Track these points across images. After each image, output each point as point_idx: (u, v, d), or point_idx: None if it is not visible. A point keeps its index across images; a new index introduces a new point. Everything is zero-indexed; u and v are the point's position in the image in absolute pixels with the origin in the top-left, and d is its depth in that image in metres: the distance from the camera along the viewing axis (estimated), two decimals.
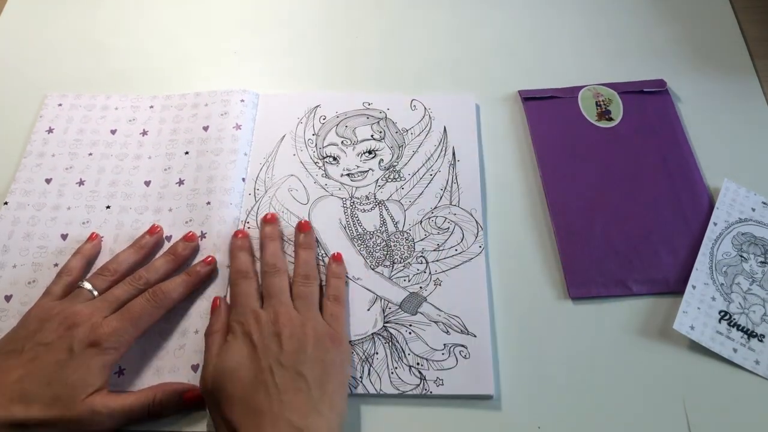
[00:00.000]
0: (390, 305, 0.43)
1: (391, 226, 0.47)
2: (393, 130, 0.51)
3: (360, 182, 0.49)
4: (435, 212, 0.47)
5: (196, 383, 0.40)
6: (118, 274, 0.42)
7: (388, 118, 0.52)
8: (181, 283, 0.42)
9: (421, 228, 0.47)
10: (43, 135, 0.51)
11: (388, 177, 0.49)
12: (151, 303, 0.40)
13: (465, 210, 0.47)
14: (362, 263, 0.45)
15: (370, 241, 0.46)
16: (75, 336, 0.37)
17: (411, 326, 0.42)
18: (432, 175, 0.49)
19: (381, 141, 0.51)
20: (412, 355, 0.41)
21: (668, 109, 0.53)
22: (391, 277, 0.44)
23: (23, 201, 0.48)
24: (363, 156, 0.50)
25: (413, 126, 0.52)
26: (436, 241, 0.46)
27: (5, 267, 0.45)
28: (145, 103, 0.54)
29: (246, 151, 0.51)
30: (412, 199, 0.48)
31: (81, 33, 0.59)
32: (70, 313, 0.38)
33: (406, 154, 0.50)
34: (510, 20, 0.60)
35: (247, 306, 0.40)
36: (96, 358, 0.37)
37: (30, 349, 0.37)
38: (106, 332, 0.38)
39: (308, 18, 0.61)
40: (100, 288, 0.41)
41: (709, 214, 0.47)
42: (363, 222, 0.47)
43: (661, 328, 0.43)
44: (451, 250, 0.45)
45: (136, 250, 0.44)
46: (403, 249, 0.46)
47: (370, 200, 0.48)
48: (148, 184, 0.49)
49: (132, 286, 0.41)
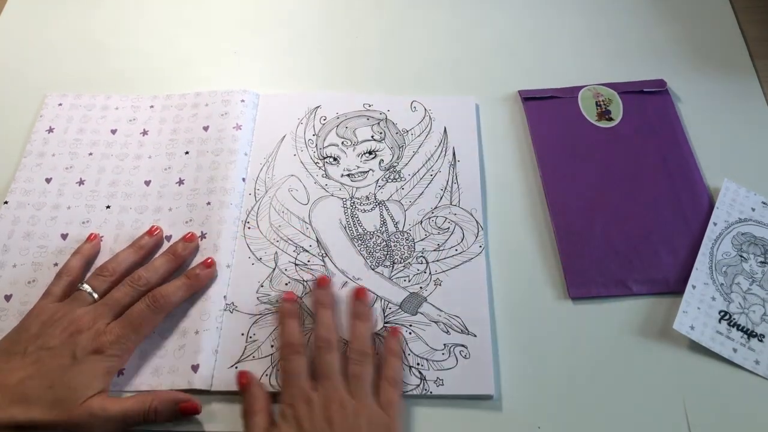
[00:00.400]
0: (390, 305, 0.43)
1: (391, 227, 0.47)
2: (393, 131, 0.52)
3: (360, 182, 0.49)
4: (435, 212, 0.47)
5: (196, 383, 0.40)
6: (117, 274, 0.42)
7: (388, 120, 0.52)
8: (180, 287, 0.42)
9: (422, 228, 0.47)
10: (44, 135, 0.51)
11: (388, 177, 0.49)
12: (151, 308, 0.40)
13: (465, 210, 0.47)
14: (362, 263, 0.45)
15: (370, 241, 0.46)
16: (78, 343, 0.37)
17: (411, 326, 0.42)
18: (432, 175, 0.49)
19: (381, 142, 0.51)
20: (413, 356, 0.41)
21: (668, 109, 0.53)
22: (391, 278, 0.44)
23: (23, 200, 0.48)
24: (363, 156, 0.50)
25: (413, 127, 0.52)
26: (437, 241, 0.46)
27: (5, 266, 0.45)
28: (146, 102, 0.54)
29: (246, 151, 0.51)
30: (412, 200, 0.48)
31: (81, 33, 0.59)
32: (73, 319, 0.38)
33: (406, 154, 0.50)
34: (510, 20, 0.60)
35: (297, 387, 0.38)
36: (99, 364, 0.37)
37: (32, 352, 0.37)
38: (109, 340, 0.38)
39: (308, 18, 0.61)
40: (99, 289, 0.41)
41: (709, 214, 0.47)
42: (363, 222, 0.47)
43: (661, 328, 0.43)
44: (452, 250, 0.45)
45: (135, 250, 0.44)
46: (403, 249, 0.46)
47: (370, 200, 0.48)
48: (148, 184, 0.49)
49: (131, 287, 0.41)
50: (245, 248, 0.46)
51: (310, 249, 0.46)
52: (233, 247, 0.46)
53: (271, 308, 0.43)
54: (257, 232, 0.47)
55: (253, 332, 0.42)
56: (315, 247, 0.46)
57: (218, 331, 0.42)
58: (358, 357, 0.39)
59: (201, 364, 0.40)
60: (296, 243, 0.46)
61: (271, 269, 0.45)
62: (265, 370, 0.41)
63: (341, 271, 0.45)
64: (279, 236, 0.47)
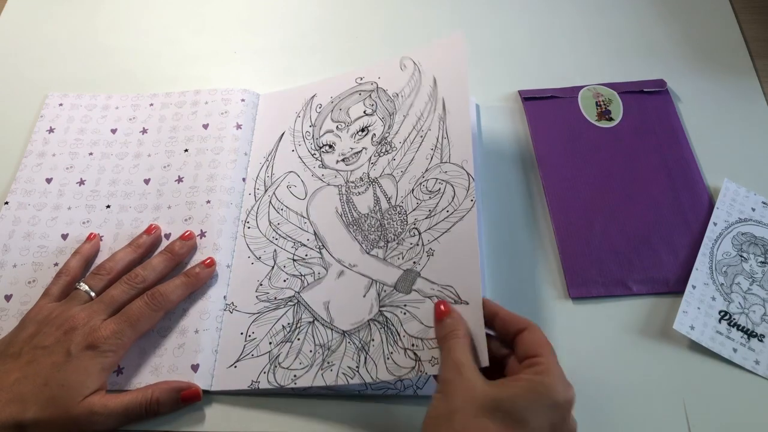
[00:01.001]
0: (385, 288, 0.42)
1: (384, 204, 0.46)
2: (384, 99, 0.50)
3: (354, 164, 0.48)
4: (426, 175, 0.45)
5: (195, 383, 0.40)
6: (114, 273, 0.42)
7: (379, 88, 0.51)
8: (180, 285, 0.42)
9: (413, 197, 0.45)
10: (44, 135, 0.52)
11: (380, 151, 0.48)
12: (149, 306, 0.40)
13: (456, 165, 0.44)
14: (358, 249, 0.45)
15: (365, 224, 0.45)
16: (72, 339, 0.37)
17: (405, 306, 0.41)
18: (422, 137, 0.47)
19: (373, 114, 0.49)
20: (407, 337, 0.40)
21: (668, 109, 0.53)
22: (385, 258, 0.44)
23: (24, 201, 0.48)
24: (356, 136, 0.49)
25: (403, 87, 0.50)
26: (428, 208, 0.44)
27: (5, 266, 0.45)
28: (146, 101, 0.54)
29: (246, 150, 0.51)
30: (403, 169, 0.46)
31: (81, 33, 0.59)
32: (68, 317, 0.38)
33: (397, 120, 0.49)
34: (510, 20, 0.60)
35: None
36: (94, 360, 0.37)
37: (27, 352, 0.37)
38: (104, 335, 0.38)
39: (308, 18, 0.61)
40: (96, 288, 0.41)
41: (709, 214, 0.47)
42: (358, 206, 0.46)
43: (661, 328, 0.43)
44: (443, 212, 0.43)
45: (133, 249, 0.44)
46: (396, 225, 0.45)
47: (363, 181, 0.47)
48: (148, 182, 0.49)
49: (129, 285, 0.41)
50: (245, 248, 0.46)
51: (307, 243, 0.46)
52: (233, 247, 0.46)
53: (269, 306, 0.43)
54: (257, 232, 0.47)
55: (252, 331, 0.42)
56: (313, 240, 0.46)
57: (218, 332, 0.42)
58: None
59: (201, 363, 0.40)
60: (294, 239, 0.46)
61: (270, 267, 0.45)
62: (263, 368, 0.41)
63: (337, 260, 0.45)
64: (278, 234, 0.46)
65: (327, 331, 0.42)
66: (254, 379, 0.40)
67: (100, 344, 0.37)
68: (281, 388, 0.40)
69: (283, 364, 0.41)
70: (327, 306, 0.43)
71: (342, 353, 0.41)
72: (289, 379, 0.40)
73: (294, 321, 0.43)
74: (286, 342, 0.42)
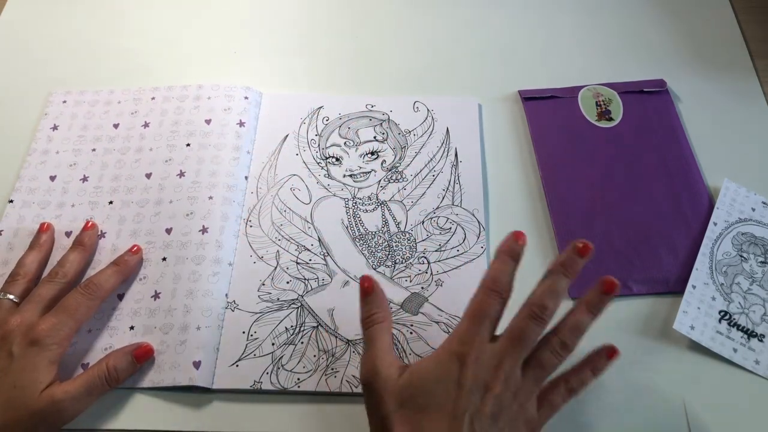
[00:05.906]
0: (391, 305, 0.43)
1: (393, 227, 0.47)
2: (396, 131, 0.52)
3: (362, 183, 0.49)
4: (437, 212, 0.47)
5: (197, 380, 0.40)
6: (29, 275, 0.42)
7: (390, 120, 0.52)
8: (112, 274, 0.42)
9: (423, 228, 0.47)
10: (48, 132, 0.52)
11: (390, 178, 0.49)
12: (85, 296, 0.40)
13: (467, 210, 0.47)
14: (364, 263, 0.45)
15: (372, 241, 0.46)
16: (12, 341, 0.37)
17: (412, 326, 0.43)
18: (434, 176, 0.49)
19: (384, 142, 0.51)
20: (414, 356, 0.41)
21: (668, 109, 0.53)
22: (392, 278, 0.45)
23: (28, 199, 0.48)
24: (365, 157, 0.50)
25: (416, 127, 0.52)
26: (438, 242, 0.46)
27: (10, 265, 0.45)
28: (147, 95, 0.53)
29: (249, 149, 0.51)
30: (414, 200, 0.48)
31: (81, 33, 0.59)
32: (1, 323, 0.39)
33: (408, 155, 0.50)
34: (510, 20, 0.60)
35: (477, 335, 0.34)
36: (40, 355, 0.37)
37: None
38: (44, 328, 0.38)
39: (309, 18, 0.61)
40: (17, 293, 0.41)
41: (709, 214, 0.47)
42: (365, 222, 0.47)
43: (661, 328, 0.43)
44: (453, 250, 0.46)
45: (37, 250, 0.44)
46: (404, 249, 0.46)
47: (372, 201, 0.48)
48: (149, 177, 0.49)
49: (52, 282, 0.41)
50: (247, 246, 0.46)
51: (311, 248, 0.46)
52: (235, 245, 0.46)
53: (272, 306, 0.44)
54: (259, 231, 0.47)
55: (254, 330, 0.43)
56: (317, 246, 0.46)
57: (219, 330, 0.43)
58: (560, 348, 0.35)
59: (202, 361, 0.41)
60: (298, 242, 0.46)
61: (273, 268, 0.45)
62: (266, 368, 0.41)
63: (342, 270, 0.45)
64: (281, 235, 0.47)
65: (331, 337, 0.42)
66: (257, 379, 0.41)
67: (42, 338, 0.38)
68: (284, 390, 0.40)
69: (286, 366, 0.41)
70: (332, 313, 0.43)
71: (347, 362, 0.41)
72: (293, 382, 0.40)
73: (297, 324, 0.43)
74: (289, 344, 0.42)
